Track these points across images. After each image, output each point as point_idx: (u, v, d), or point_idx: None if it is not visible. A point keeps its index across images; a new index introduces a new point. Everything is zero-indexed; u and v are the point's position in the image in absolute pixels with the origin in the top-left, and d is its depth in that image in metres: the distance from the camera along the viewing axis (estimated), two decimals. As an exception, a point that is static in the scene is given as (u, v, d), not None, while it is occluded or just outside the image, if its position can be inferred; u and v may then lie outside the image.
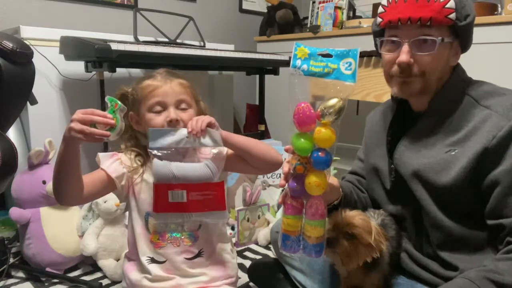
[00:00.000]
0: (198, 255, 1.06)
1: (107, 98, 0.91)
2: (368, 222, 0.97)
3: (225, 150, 1.06)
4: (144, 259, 1.04)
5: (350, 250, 0.95)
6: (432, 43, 0.95)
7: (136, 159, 1.06)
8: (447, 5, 0.93)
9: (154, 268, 1.04)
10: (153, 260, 1.05)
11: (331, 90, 0.84)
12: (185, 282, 1.05)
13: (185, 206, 0.97)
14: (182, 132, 0.96)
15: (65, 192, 0.95)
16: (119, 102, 0.90)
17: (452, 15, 0.93)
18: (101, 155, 1.04)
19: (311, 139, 0.85)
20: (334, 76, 0.84)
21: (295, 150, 0.87)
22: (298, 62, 0.86)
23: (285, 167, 0.90)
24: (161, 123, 1.00)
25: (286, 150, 0.90)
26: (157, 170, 0.96)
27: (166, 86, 1.02)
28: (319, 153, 0.84)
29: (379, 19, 1.02)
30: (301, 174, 0.87)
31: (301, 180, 0.87)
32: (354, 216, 0.97)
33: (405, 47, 0.96)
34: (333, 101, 0.82)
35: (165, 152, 0.96)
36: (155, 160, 0.96)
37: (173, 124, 0.99)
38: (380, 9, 1.01)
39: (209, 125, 0.97)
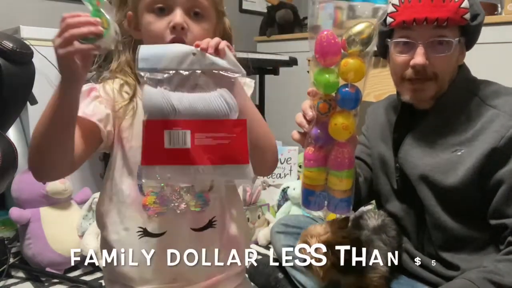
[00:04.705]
0: (209, 225, 0.81)
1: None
2: None
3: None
4: (134, 232, 0.77)
5: None
6: (448, 44, 0.93)
7: (122, 91, 0.78)
8: (462, 5, 0.91)
9: (147, 245, 0.77)
10: (146, 232, 0.77)
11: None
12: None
13: (189, 156, 0.64)
14: (186, 48, 0.67)
15: (55, 159, 0.68)
16: None
17: (467, 15, 0.92)
18: None
19: (336, 73, 0.74)
20: None
21: (318, 88, 0.76)
22: None
23: (301, 117, 0.80)
24: (161, 29, 0.73)
25: (309, 93, 0.79)
26: (149, 99, 0.65)
27: None
28: (348, 88, 0.73)
29: (389, 19, 0.98)
30: (325, 115, 0.75)
31: (324, 125, 0.76)
32: None
33: (420, 49, 0.93)
34: (360, 27, 0.70)
35: (161, 75, 0.66)
36: (147, 87, 0.65)
37: (177, 33, 0.72)
38: (391, 8, 0.97)
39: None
